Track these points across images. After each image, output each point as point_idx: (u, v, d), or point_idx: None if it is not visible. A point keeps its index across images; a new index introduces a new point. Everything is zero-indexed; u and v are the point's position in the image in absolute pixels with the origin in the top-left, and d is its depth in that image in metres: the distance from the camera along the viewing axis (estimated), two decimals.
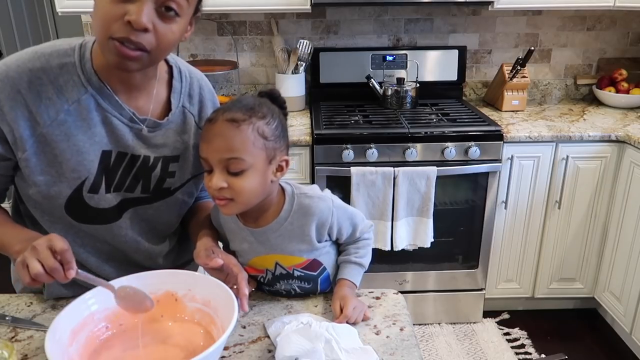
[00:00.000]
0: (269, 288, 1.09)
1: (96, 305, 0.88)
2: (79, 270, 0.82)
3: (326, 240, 1.06)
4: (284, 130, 0.97)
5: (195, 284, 0.93)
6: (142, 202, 1.03)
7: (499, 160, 2.16)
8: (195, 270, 1.06)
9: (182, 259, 1.16)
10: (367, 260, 1.08)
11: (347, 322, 0.96)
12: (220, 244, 1.08)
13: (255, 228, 1.01)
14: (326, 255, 1.07)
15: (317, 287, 1.08)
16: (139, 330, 0.89)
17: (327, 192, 1.06)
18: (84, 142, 0.93)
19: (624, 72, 2.57)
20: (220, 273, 0.95)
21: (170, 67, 1.03)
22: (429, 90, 2.54)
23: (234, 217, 1.03)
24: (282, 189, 1.02)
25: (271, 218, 1.01)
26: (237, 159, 0.90)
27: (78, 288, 0.96)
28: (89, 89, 0.92)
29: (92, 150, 0.94)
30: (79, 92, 0.91)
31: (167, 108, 1.02)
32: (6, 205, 1.06)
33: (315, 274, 1.07)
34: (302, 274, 1.06)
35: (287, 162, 0.97)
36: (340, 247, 1.10)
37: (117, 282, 0.92)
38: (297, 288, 1.08)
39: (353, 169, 2.07)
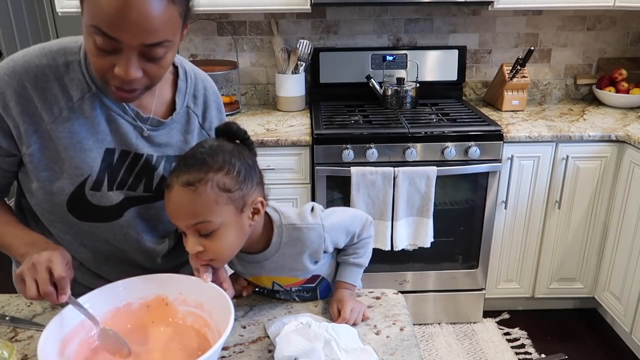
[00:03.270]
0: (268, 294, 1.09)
1: (91, 309, 0.86)
2: (71, 297, 0.83)
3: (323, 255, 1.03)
4: (250, 168, 0.90)
5: (187, 287, 0.92)
6: (145, 201, 1.03)
7: (499, 160, 2.16)
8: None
9: (180, 258, 1.15)
10: (366, 259, 1.08)
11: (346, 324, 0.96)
12: None
13: (248, 254, 1.00)
14: (324, 266, 1.06)
15: (317, 296, 1.09)
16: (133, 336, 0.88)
17: (317, 209, 1.01)
18: (87, 140, 0.93)
19: (624, 72, 2.57)
20: None
21: (176, 68, 1.04)
22: (429, 90, 2.54)
23: None
24: (270, 217, 0.97)
25: (261, 247, 0.98)
26: (204, 222, 0.85)
27: (79, 287, 0.96)
28: (92, 87, 0.92)
29: (95, 147, 0.94)
30: (83, 91, 0.92)
31: (172, 108, 1.02)
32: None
33: (313, 285, 1.07)
34: (301, 288, 1.06)
35: (262, 202, 0.91)
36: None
37: (107, 289, 0.90)
38: (296, 297, 1.08)
39: (353, 169, 2.07)
